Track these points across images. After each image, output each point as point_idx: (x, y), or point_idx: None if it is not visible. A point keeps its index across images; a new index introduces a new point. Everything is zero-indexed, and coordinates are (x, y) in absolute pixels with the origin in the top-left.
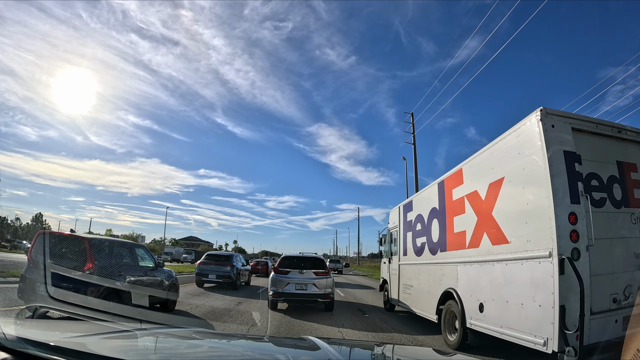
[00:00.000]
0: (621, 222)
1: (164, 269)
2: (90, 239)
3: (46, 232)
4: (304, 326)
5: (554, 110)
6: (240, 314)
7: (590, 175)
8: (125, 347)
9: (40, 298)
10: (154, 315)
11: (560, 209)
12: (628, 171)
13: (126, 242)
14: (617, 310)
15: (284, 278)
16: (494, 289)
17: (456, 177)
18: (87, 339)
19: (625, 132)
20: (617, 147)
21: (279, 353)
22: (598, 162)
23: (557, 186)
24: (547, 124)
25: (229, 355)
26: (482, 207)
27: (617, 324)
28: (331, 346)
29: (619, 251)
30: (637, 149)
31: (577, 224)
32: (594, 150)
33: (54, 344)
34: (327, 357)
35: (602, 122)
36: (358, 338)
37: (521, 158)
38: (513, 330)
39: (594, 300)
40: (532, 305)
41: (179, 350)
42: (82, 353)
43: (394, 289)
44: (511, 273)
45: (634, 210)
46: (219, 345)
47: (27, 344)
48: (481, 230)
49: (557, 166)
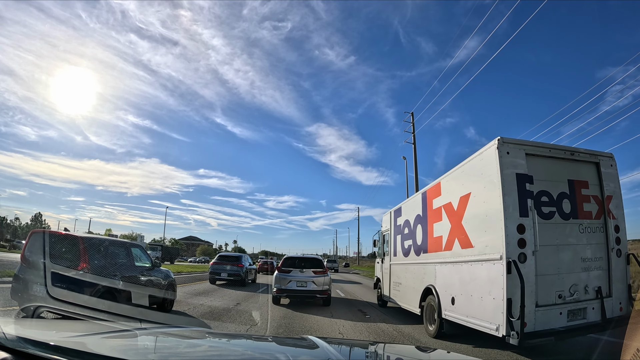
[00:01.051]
0: (569, 231)
1: (161, 269)
2: (84, 238)
3: (39, 231)
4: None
5: (510, 139)
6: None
7: (541, 192)
8: (125, 347)
9: (33, 298)
10: (154, 315)
11: (510, 221)
12: (579, 188)
13: (122, 241)
14: (562, 305)
15: (287, 276)
16: (462, 285)
17: (436, 189)
18: (87, 339)
19: (578, 154)
20: (570, 167)
21: (279, 352)
22: (549, 181)
23: (507, 203)
24: (503, 151)
25: (229, 355)
26: (455, 216)
27: (562, 316)
28: (331, 345)
29: (565, 255)
30: (590, 168)
31: (524, 233)
32: (546, 171)
33: (54, 344)
34: (327, 356)
35: (555, 147)
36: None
37: (483, 178)
38: (476, 319)
39: (539, 295)
40: (488, 298)
41: (179, 350)
42: (82, 352)
43: (385, 287)
44: (474, 272)
45: (582, 221)
46: (219, 344)
47: (27, 343)
48: (454, 236)
49: (509, 186)
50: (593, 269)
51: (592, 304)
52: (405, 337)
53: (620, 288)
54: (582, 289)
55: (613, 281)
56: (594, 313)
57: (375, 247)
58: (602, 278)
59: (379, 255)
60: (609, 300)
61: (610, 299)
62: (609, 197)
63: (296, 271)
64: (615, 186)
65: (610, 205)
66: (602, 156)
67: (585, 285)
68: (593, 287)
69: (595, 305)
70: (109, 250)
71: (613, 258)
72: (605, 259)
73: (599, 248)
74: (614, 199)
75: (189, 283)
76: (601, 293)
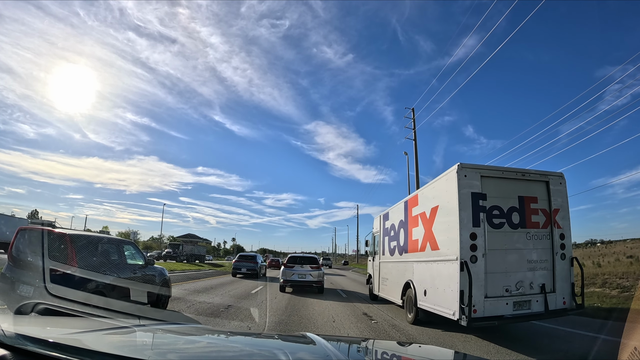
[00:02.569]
0: (517, 238)
1: (155, 266)
2: (72, 235)
3: (27, 228)
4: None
5: (468, 165)
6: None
7: (493, 207)
8: (124, 343)
9: (20, 298)
10: (154, 312)
11: (464, 230)
12: (528, 202)
13: (113, 238)
14: (509, 297)
15: (290, 270)
16: (432, 280)
17: (415, 200)
18: (85, 335)
19: (529, 175)
20: (521, 186)
21: (277, 349)
22: (501, 198)
23: (462, 216)
24: (461, 174)
25: (227, 351)
26: (427, 223)
27: (508, 306)
28: (328, 342)
29: (513, 257)
30: (540, 186)
31: (476, 240)
32: (498, 189)
33: (52, 341)
34: (325, 352)
35: (508, 169)
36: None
37: (447, 194)
38: (441, 307)
39: (488, 288)
40: (448, 290)
41: (177, 346)
42: (80, 349)
43: (375, 282)
44: (440, 269)
45: (529, 230)
46: (217, 341)
47: (26, 340)
48: (426, 240)
49: (465, 202)
50: (538, 269)
51: (536, 297)
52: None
53: (563, 285)
54: (528, 285)
55: (557, 280)
56: (538, 305)
57: (367, 247)
58: (547, 277)
59: (370, 254)
60: (553, 295)
61: (553, 294)
62: (556, 210)
63: (297, 267)
64: (563, 200)
65: (557, 216)
66: (551, 175)
67: (531, 282)
68: (538, 284)
69: (539, 298)
70: (99, 248)
71: (557, 261)
72: (551, 261)
73: (545, 252)
74: (561, 212)
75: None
76: (545, 289)
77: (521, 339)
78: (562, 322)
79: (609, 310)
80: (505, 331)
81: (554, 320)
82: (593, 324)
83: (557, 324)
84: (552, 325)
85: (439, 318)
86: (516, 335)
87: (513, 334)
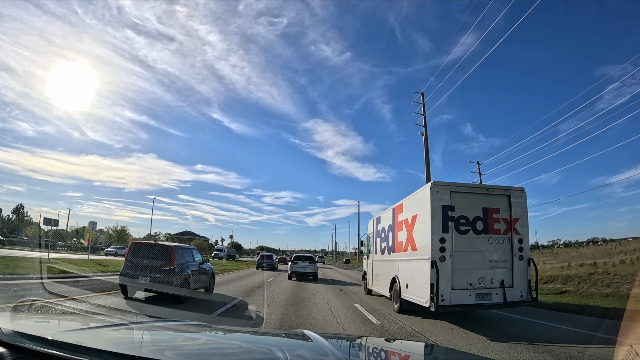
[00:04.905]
0: (480, 242)
1: (207, 263)
2: (170, 245)
3: (137, 242)
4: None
5: (440, 182)
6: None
7: (460, 217)
8: (122, 340)
9: (140, 285)
10: (153, 310)
11: (435, 235)
12: (491, 213)
13: (189, 246)
14: (472, 289)
15: (295, 265)
16: (411, 275)
17: (400, 208)
18: (83, 333)
19: (493, 190)
20: (486, 199)
21: (275, 346)
22: (468, 209)
23: (434, 224)
24: (434, 190)
25: (226, 348)
26: (409, 228)
27: (471, 297)
28: (326, 340)
29: (476, 258)
30: (503, 199)
31: (445, 243)
32: (465, 202)
33: (50, 338)
34: (322, 349)
35: (474, 186)
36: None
37: (423, 205)
38: (417, 297)
39: (454, 283)
40: (423, 283)
41: (175, 343)
42: (78, 346)
43: (370, 278)
44: (417, 267)
45: (491, 235)
46: (215, 338)
47: (23, 338)
48: (408, 242)
49: (437, 213)
50: (499, 268)
51: (496, 290)
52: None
53: (521, 282)
54: (489, 280)
55: (515, 277)
56: (498, 297)
57: (362, 247)
58: (506, 274)
59: (365, 253)
60: (511, 290)
61: (512, 289)
62: (516, 219)
63: (300, 262)
64: (522, 211)
65: (517, 224)
66: (513, 190)
67: (492, 278)
68: (498, 279)
69: (499, 292)
70: (184, 253)
71: (516, 261)
72: (510, 261)
73: (505, 254)
74: (520, 220)
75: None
76: (504, 284)
77: (485, 324)
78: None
79: None
80: (474, 317)
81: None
82: None
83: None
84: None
85: (418, 307)
86: (484, 322)
87: (482, 320)
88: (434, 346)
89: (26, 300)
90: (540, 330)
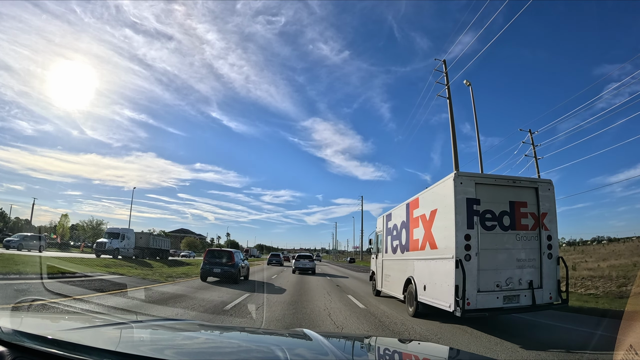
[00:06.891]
0: (507, 239)
1: (245, 261)
2: (232, 251)
3: (211, 249)
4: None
5: (464, 173)
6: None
7: (486, 211)
8: (121, 339)
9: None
10: (153, 309)
11: (459, 232)
12: (518, 207)
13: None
14: (499, 292)
15: (298, 262)
16: (430, 276)
17: (416, 203)
18: (83, 332)
19: (520, 182)
20: (512, 192)
21: (274, 345)
22: (494, 203)
23: (458, 219)
24: (457, 182)
25: (225, 347)
26: (427, 225)
27: (499, 299)
28: (326, 339)
29: (503, 256)
30: (530, 192)
31: (470, 240)
32: (491, 195)
33: (50, 337)
34: (322, 349)
35: (500, 177)
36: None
37: (444, 199)
38: (438, 300)
39: (480, 284)
40: (445, 285)
41: (174, 342)
42: (77, 345)
43: (379, 279)
44: (437, 267)
45: (518, 232)
46: (214, 337)
47: (23, 336)
48: (426, 240)
49: (461, 207)
50: (527, 267)
51: (524, 292)
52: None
53: (550, 282)
54: (517, 281)
55: (544, 277)
56: (526, 299)
57: (371, 245)
58: (534, 274)
59: (373, 252)
60: (540, 291)
61: (540, 290)
62: (544, 214)
63: (302, 260)
64: (551, 205)
65: (545, 220)
66: (541, 182)
67: (520, 278)
68: (526, 280)
69: (527, 293)
70: (236, 254)
71: (544, 260)
72: (538, 260)
73: (533, 252)
74: (549, 215)
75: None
76: (532, 285)
77: (512, 329)
78: None
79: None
80: (497, 323)
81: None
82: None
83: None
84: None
85: (435, 310)
86: (509, 327)
87: (507, 326)
88: (460, 352)
89: (26, 299)
90: (571, 336)
